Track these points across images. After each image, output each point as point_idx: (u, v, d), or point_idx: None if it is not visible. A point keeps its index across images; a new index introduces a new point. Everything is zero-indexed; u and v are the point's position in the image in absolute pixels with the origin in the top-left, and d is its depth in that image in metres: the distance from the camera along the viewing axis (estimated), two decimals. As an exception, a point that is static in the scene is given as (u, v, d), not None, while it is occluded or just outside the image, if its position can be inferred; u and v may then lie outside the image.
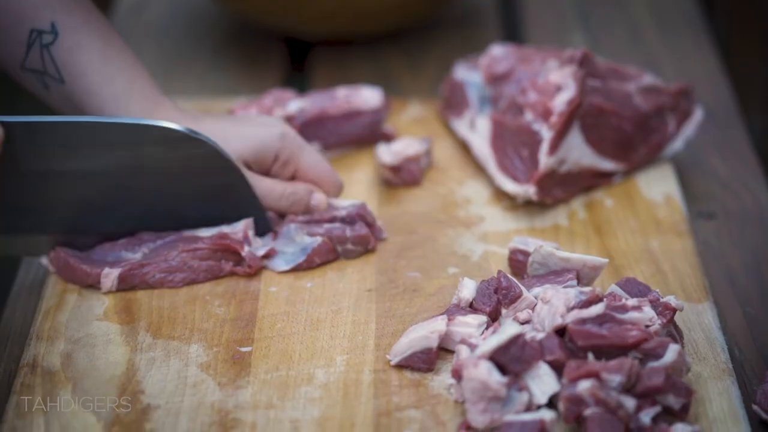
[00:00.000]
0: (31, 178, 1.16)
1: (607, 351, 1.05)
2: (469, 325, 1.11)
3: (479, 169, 1.38)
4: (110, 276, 1.19)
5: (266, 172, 1.25)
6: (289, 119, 1.38)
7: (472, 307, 1.14)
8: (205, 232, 1.22)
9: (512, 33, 1.73)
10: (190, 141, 1.16)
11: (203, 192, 1.20)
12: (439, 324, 1.10)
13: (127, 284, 1.20)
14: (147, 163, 1.17)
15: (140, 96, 1.20)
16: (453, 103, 1.44)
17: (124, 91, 1.19)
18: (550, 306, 1.08)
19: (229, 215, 1.22)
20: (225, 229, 1.22)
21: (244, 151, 1.22)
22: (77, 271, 1.19)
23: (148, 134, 1.16)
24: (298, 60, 1.65)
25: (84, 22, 1.18)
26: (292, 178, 1.26)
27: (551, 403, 1.05)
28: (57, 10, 1.17)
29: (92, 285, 1.20)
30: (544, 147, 1.30)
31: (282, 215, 1.26)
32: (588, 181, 1.34)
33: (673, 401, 1.02)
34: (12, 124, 1.12)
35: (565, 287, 1.12)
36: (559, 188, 1.32)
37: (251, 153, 1.22)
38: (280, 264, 1.23)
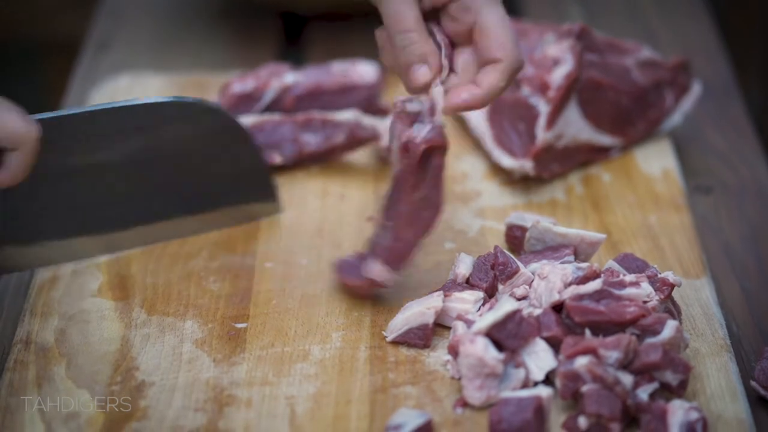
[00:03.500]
0: (51, 177, 1.13)
1: (604, 327, 1.05)
2: (466, 301, 1.10)
3: (476, 143, 1.38)
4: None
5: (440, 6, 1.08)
6: (285, 91, 1.37)
7: (468, 283, 1.13)
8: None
9: (510, 7, 1.71)
10: (204, 112, 1.16)
11: (219, 167, 1.19)
12: (436, 300, 1.10)
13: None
14: (163, 142, 1.16)
15: None
16: (449, 77, 1.43)
17: None
18: (547, 282, 1.08)
19: (241, 191, 1.21)
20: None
21: None
22: None
23: (162, 111, 1.15)
24: (294, 35, 1.64)
25: None
26: (468, 37, 1.08)
27: (548, 380, 1.05)
28: None
29: None
30: (541, 121, 1.29)
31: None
32: (585, 156, 1.34)
33: (670, 377, 1.02)
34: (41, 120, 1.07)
35: (562, 263, 1.12)
36: (556, 163, 1.31)
37: None
38: None
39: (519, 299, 1.10)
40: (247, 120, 1.34)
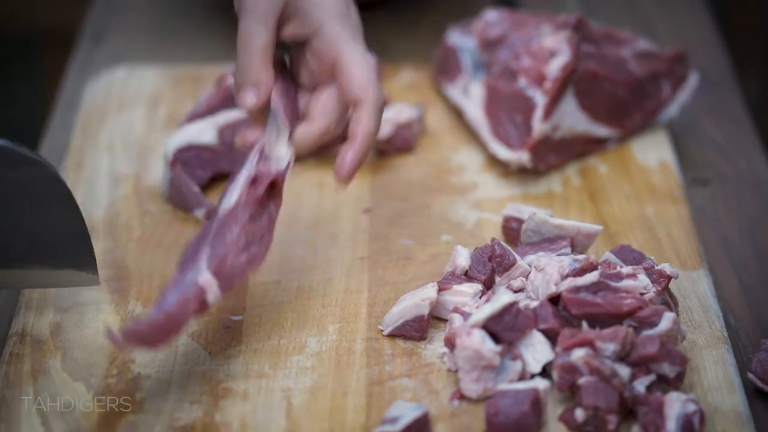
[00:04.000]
0: None
1: (601, 319, 1.04)
2: (465, 293, 1.10)
3: (472, 135, 1.37)
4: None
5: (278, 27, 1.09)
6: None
7: (467, 275, 1.13)
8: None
9: (506, -2, 1.72)
10: (19, 159, 1.04)
11: (34, 222, 1.07)
12: (430, 291, 1.10)
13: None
14: None
15: None
16: (446, 68, 1.43)
17: None
18: (544, 274, 1.08)
19: (57, 254, 1.09)
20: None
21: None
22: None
23: None
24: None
25: None
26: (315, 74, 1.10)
27: (545, 372, 1.05)
28: None
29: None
30: (538, 113, 1.29)
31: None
32: (582, 148, 1.34)
33: (667, 370, 1.02)
34: None
35: (559, 255, 1.12)
36: (553, 155, 1.31)
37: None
38: None
39: (516, 291, 1.10)
40: (238, 112, 1.33)
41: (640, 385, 1.01)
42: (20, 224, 1.07)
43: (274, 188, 1.09)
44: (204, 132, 1.31)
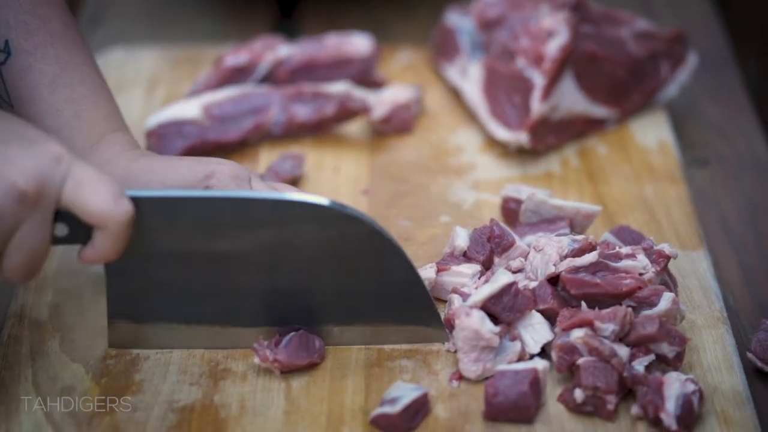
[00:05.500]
0: (168, 260, 1.03)
1: (600, 299, 1.04)
2: (464, 274, 1.10)
3: (471, 116, 1.37)
4: None
5: None
6: (279, 64, 1.36)
7: (465, 256, 1.13)
8: None
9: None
10: (340, 218, 1.02)
11: (364, 279, 1.05)
12: (429, 272, 1.09)
13: None
14: (294, 242, 1.03)
15: (86, 131, 1.09)
16: (444, 49, 1.43)
17: (69, 124, 1.09)
18: (543, 254, 1.07)
19: (396, 308, 1.06)
20: None
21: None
22: None
23: (292, 210, 1.02)
24: (288, 7, 1.63)
25: (43, 46, 1.08)
26: None
27: (544, 353, 1.05)
28: (13, 28, 1.08)
29: None
30: (537, 93, 1.28)
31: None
32: (581, 128, 1.33)
33: (667, 350, 1.02)
34: (143, 200, 0.99)
35: (557, 235, 1.12)
36: (552, 135, 1.31)
37: None
38: None
39: (515, 272, 1.10)
40: (235, 90, 1.33)
41: (640, 365, 1.01)
42: (362, 283, 1.05)
43: None
44: (188, 109, 1.31)
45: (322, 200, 1.01)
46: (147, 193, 1.00)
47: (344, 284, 1.05)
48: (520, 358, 1.04)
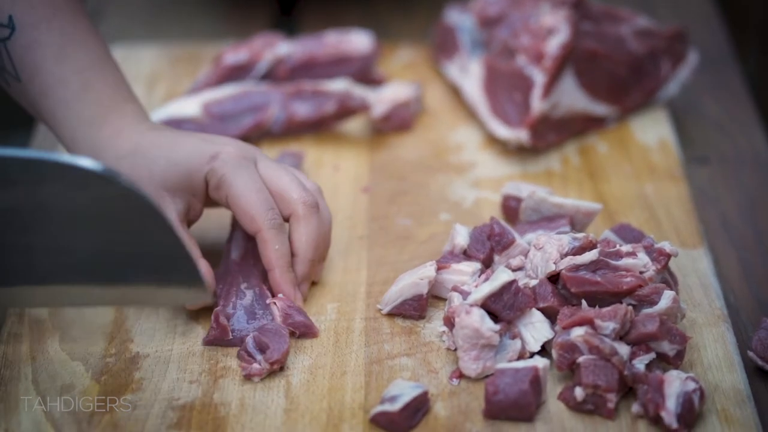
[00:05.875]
0: None
1: (600, 298, 1.04)
2: (464, 272, 1.10)
3: (471, 114, 1.37)
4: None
5: (206, 199, 1.12)
6: (278, 62, 1.36)
7: (465, 254, 1.13)
8: None
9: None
10: (98, 179, 0.97)
11: (120, 241, 1.01)
12: (429, 270, 1.09)
13: None
14: (51, 203, 0.99)
15: (94, 101, 1.10)
16: (444, 47, 1.43)
17: (77, 95, 1.10)
18: (543, 252, 1.07)
19: (153, 266, 1.02)
20: None
21: (169, 178, 1.09)
22: None
23: (47, 171, 0.98)
24: (287, 4, 1.63)
25: (46, 19, 1.09)
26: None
27: (544, 351, 1.04)
28: (17, 3, 1.08)
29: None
30: (537, 91, 1.28)
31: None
32: (581, 126, 1.33)
33: (667, 348, 1.02)
34: None
35: (558, 233, 1.11)
36: (552, 133, 1.31)
37: (177, 179, 1.09)
38: None
39: (515, 270, 1.10)
40: (235, 88, 1.33)
41: (640, 364, 1.01)
42: (112, 243, 1.02)
43: None
44: (187, 106, 1.31)
45: (77, 161, 0.98)
46: None
47: (103, 245, 1.02)
48: (521, 357, 1.04)
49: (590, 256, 1.05)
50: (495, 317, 1.04)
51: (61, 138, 1.12)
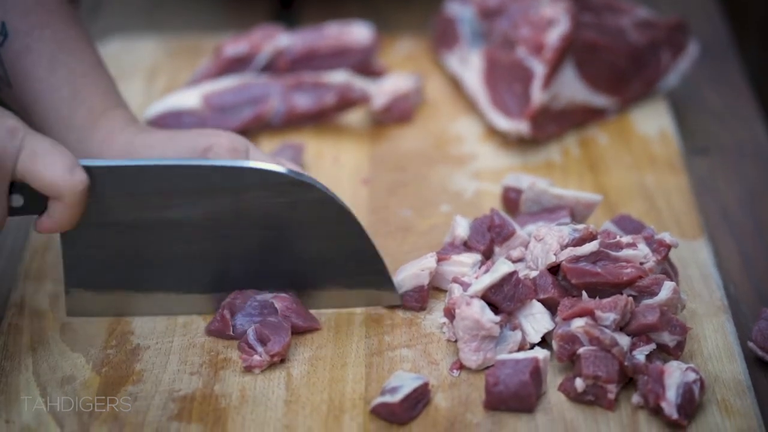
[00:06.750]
0: (124, 229, 1.05)
1: (601, 289, 1.04)
2: (464, 264, 1.10)
3: (471, 105, 1.37)
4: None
5: None
6: (279, 54, 1.36)
7: (466, 246, 1.13)
8: None
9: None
10: (295, 185, 1.03)
11: (318, 246, 1.07)
12: (429, 261, 1.09)
13: None
14: (249, 209, 1.04)
15: (85, 108, 1.10)
16: (444, 38, 1.42)
17: (68, 102, 1.10)
18: (544, 244, 1.07)
19: (349, 274, 1.08)
20: None
21: None
22: None
23: (246, 178, 1.03)
24: (287, 2, 1.63)
25: (39, 26, 1.09)
26: None
27: (544, 342, 1.05)
28: (9, 10, 1.08)
29: None
30: (537, 82, 1.28)
31: None
32: (581, 117, 1.33)
33: (667, 339, 1.02)
34: (97, 169, 1.01)
35: (558, 224, 1.11)
36: (553, 124, 1.31)
37: None
38: None
39: (515, 261, 1.10)
40: (235, 80, 1.33)
41: (640, 355, 1.01)
42: (310, 248, 1.07)
43: None
44: (187, 98, 1.31)
45: (275, 167, 1.03)
46: (101, 162, 1.02)
47: (297, 251, 1.06)
48: (521, 348, 1.04)
49: (590, 247, 1.05)
50: (495, 308, 1.04)
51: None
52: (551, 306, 1.05)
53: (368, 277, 1.08)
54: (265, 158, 1.08)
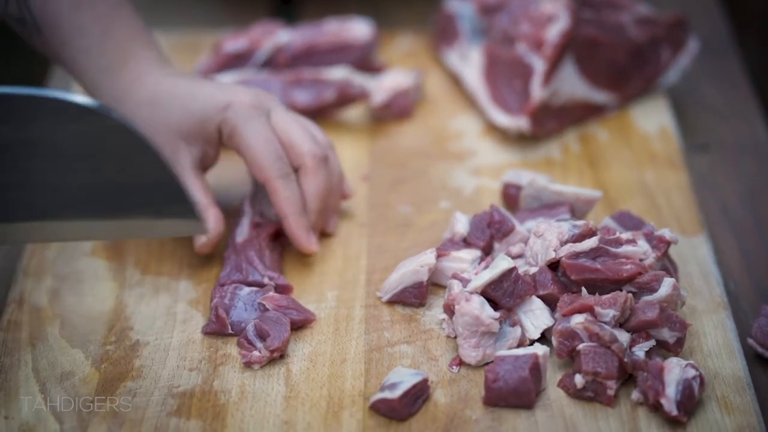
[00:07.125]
0: None
1: (600, 285, 1.04)
2: (463, 260, 1.10)
3: (471, 102, 1.37)
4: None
5: (221, 146, 1.15)
6: (278, 50, 1.36)
7: (465, 242, 1.13)
8: None
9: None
10: (89, 114, 0.98)
11: (118, 175, 1.02)
12: (429, 257, 1.09)
13: None
14: (45, 138, 1.00)
15: (113, 49, 1.12)
16: (444, 35, 1.42)
17: (95, 43, 1.12)
18: (543, 240, 1.07)
19: (154, 203, 1.03)
20: None
21: (185, 127, 1.12)
22: None
23: (39, 106, 0.98)
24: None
25: None
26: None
27: (544, 338, 1.05)
28: None
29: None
30: (537, 79, 1.28)
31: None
32: (581, 114, 1.33)
33: (667, 335, 1.02)
34: None
35: (558, 221, 1.11)
36: (552, 121, 1.31)
37: (192, 128, 1.12)
38: None
39: (515, 257, 1.10)
40: (234, 76, 1.33)
41: (640, 351, 1.01)
42: (106, 177, 1.03)
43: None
44: None
45: (68, 96, 0.99)
46: None
47: (96, 179, 1.02)
48: (520, 344, 1.04)
49: (590, 243, 1.05)
50: (495, 304, 1.04)
51: (84, 86, 1.15)
52: (551, 302, 1.05)
53: (172, 207, 1.03)
54: (287, 118, 1.12)
